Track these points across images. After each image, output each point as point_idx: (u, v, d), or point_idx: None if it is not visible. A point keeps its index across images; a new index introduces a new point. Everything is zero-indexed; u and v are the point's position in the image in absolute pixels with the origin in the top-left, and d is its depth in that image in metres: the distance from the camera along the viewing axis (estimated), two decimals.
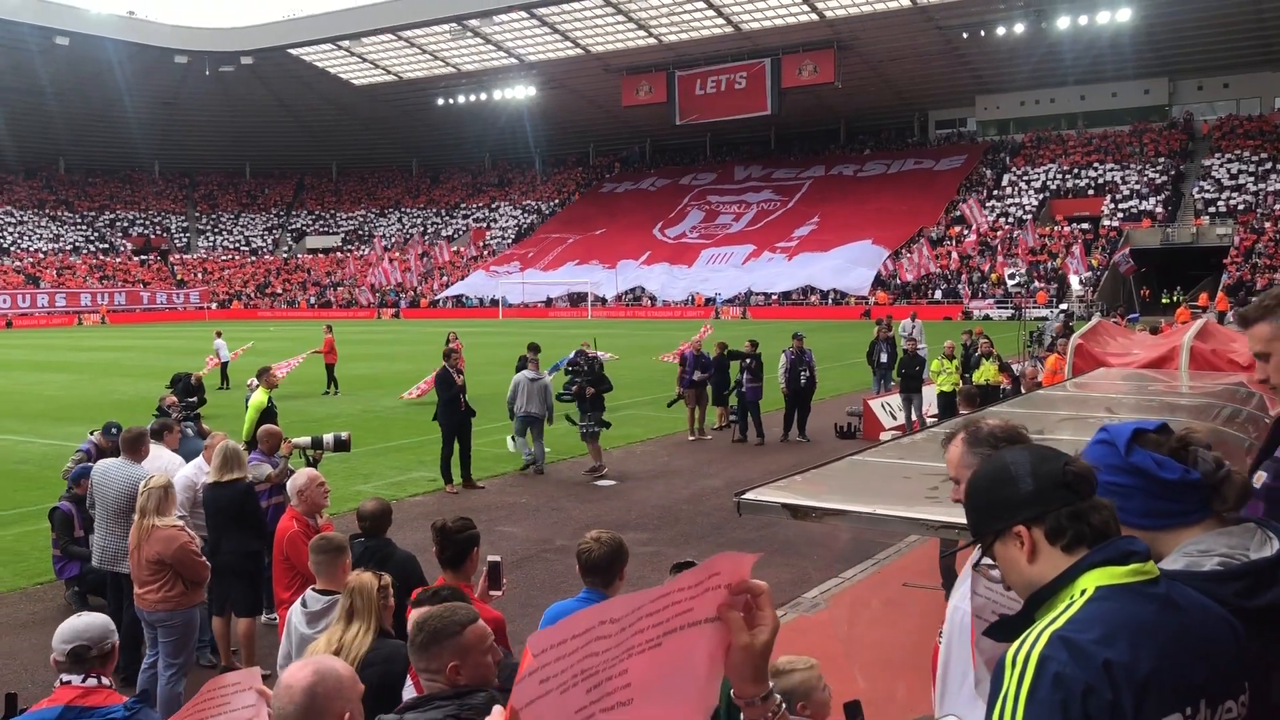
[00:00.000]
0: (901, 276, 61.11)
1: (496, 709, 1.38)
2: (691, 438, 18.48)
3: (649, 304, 67.71)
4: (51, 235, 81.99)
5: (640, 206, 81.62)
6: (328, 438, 9.20)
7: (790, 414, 18.34)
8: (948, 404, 16.53)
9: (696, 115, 77.30)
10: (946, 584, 8.86)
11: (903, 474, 4.40)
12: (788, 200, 76.65)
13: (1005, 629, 1.83)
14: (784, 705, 1.63)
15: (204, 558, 6.98)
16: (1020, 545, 1.86)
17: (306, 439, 9.19)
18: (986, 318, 51.14)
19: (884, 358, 21.59)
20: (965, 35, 65.19)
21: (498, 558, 4.94)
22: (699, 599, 1.41)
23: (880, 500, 3.75)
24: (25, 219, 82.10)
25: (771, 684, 1.60)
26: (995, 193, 69.10)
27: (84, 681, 3.73)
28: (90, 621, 3.88)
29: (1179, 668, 1.69)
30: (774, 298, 64.49)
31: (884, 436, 15.63)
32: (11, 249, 77.87)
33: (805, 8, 64.72)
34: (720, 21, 68.22)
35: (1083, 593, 1.75)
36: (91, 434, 11.43)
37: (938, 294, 59.45)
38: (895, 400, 19.09)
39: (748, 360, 18.17)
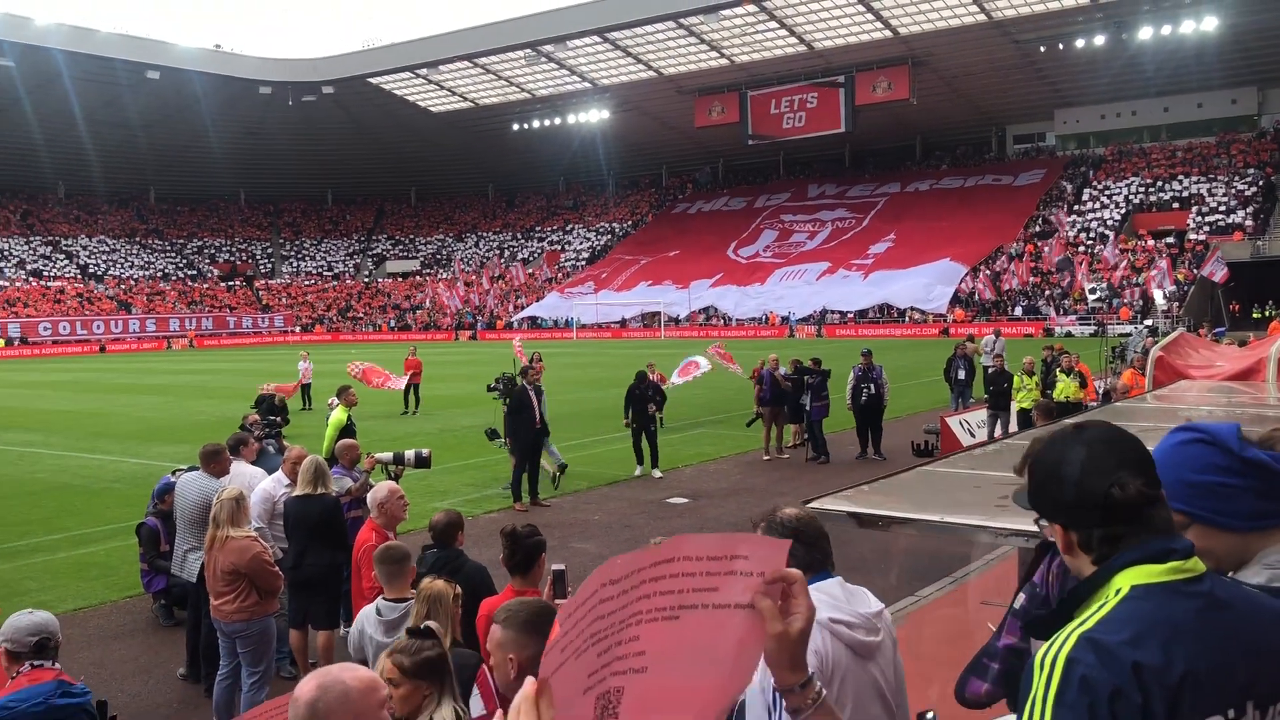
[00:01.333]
0: (1000, 287, 60.03)
1: (529, 679, 1.38)
2: (766, 457, 18.39)
3: (721, 323, 67.63)
4: (143, 263, 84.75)
5: (713, 226, 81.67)
6: (409, 454, 9.36)
7: (862, 431, 18.16)
8: (1027, 421, 16.18)
9: (769, 135, 77.21)
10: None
11: (973, 484, 4.35)
12: (862, 218, 76.07)
13: (1044, 627, 1.78)
14: (824, 693, 1.61)
15: (276, 568, 7.13)
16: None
17: (389, 454, 9.36)
18: (1069, 334, 50.09)
19: (962, 374, 21.25)
20: (1043, 49, 64.23)
21: (562, 566, 4.97)
22: (724, 581, 1.38)
23: (948, 509, 3.71)
24: (118, 247, 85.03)
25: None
26: (1076, 207, 67.80)
27: (53, 665, 4.23)
28: (45, 617, 4.31)
29: (1220, 668, 1.63)
30: (850, 316, 63.96)
31: None
32: (105, 277, 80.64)
33: (879, 25, 64.40)
34: (793, 41, 68.17)
35: (1117, 592, 1.70)
36: (175, 472, 11.74)
37: (1018, 310, 58.44)
38: (974, 417, 18.76)
39: (810, 378, 18.07)
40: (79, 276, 79.37)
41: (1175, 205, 63.93)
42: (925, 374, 29.70)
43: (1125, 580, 1.71)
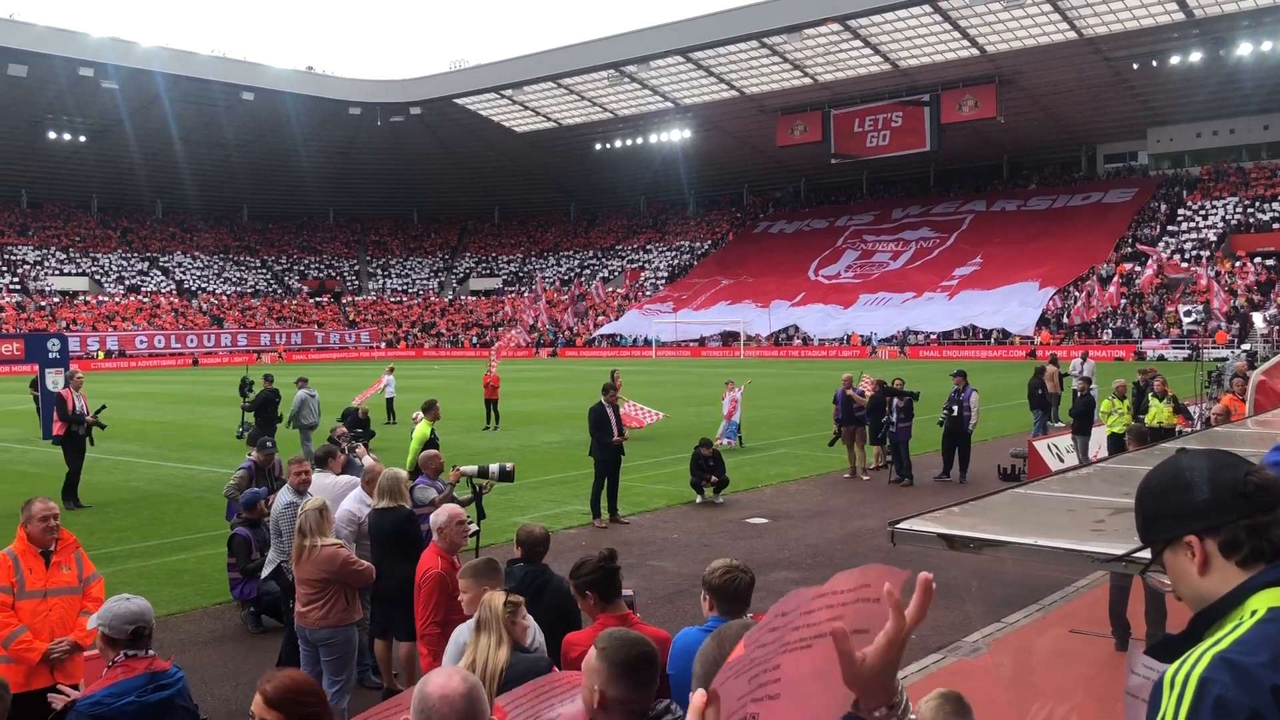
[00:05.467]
0: (1082, 315, 58.71)
1: (699, 691, 1.41)
2: (848, 476, 18.20)
3: (800, 343, 67.14)
4: (235, 279, 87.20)
5: (794, 246, 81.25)
6: (493, 468, 9.45)
7: (948, 452, 17.86)
8: (1118, 446, 15.73)
9: (853, 154, 76.57)
10: (1118, 633, 8.42)
11: (1066, 507, 4.24)
12: (947, 238, 75.02)
13: (1169, 649, 1.71)
14: (908, 709, 1.60)
15: (363, 564, 7.21)
16: (1191, 556, 1.74)
17: (473, 468, 9.46)
18: (1161, 358, 48.71)
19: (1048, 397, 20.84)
20: (1135, 66, 62.71)
21: (630, 592, 4.95)
22: (850, 609, 1.41)
23: (1041, 532, 3.62)
24: (211, 264, 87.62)
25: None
26: (1170, 228, 66.03)
27: (146, 654, 4.37)
28: (142, 605, 4.43)
29: None
30: (934, 337, 63.05)
31: None
32: (199, 292, 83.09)
33: (966, 43, 63.55)
34: (878, 59, 67.63)
35: (1253, 614, 1.63)
36: (250, 454, 12.19)
37: (1107, 334, 57.02)
38: (1062, 441, 18.36)
39: (897, 399, 17.86)
40: (175, 292, 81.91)
41: (1276, 225, 61.90)
42: (1010, 397, 29.12)
43: (1262, 602, 1.64)
